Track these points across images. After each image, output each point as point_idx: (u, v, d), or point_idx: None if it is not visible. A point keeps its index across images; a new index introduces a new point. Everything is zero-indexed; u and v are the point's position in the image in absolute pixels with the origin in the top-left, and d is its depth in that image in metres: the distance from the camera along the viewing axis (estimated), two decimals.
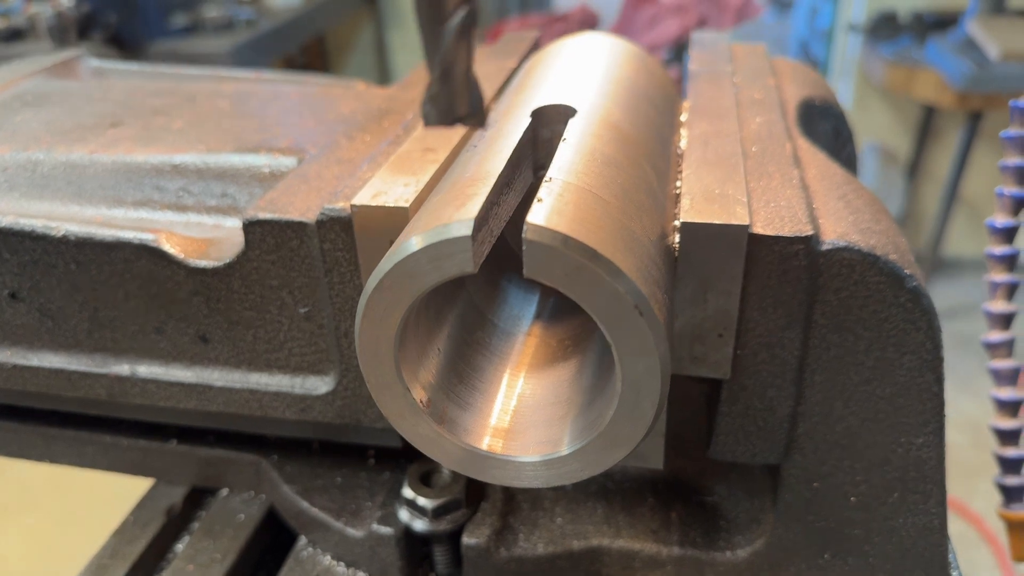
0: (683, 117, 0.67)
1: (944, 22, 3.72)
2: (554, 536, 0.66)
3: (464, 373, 0.51)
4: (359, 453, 0.75)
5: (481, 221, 0.41)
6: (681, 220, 0.48)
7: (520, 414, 0.48)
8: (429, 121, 0.35)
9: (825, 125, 0.77)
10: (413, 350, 0.47)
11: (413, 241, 0.41)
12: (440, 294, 0.51)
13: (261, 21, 3.37)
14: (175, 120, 0.77)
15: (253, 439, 0.77)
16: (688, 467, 0.72)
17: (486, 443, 0.46)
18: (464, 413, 0.48)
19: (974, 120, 3.37)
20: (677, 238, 0.49)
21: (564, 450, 0.43)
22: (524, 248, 0.39)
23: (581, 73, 0.62)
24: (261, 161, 0.69)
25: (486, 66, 0.80)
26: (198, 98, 0.84)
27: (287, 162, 0.68)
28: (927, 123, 3.76)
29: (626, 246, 0.41)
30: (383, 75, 4.66)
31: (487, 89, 0.73)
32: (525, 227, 0.39)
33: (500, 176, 0.45)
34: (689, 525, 0.67)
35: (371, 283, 0.42)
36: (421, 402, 0.46)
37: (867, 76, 3.76)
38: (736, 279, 0.50)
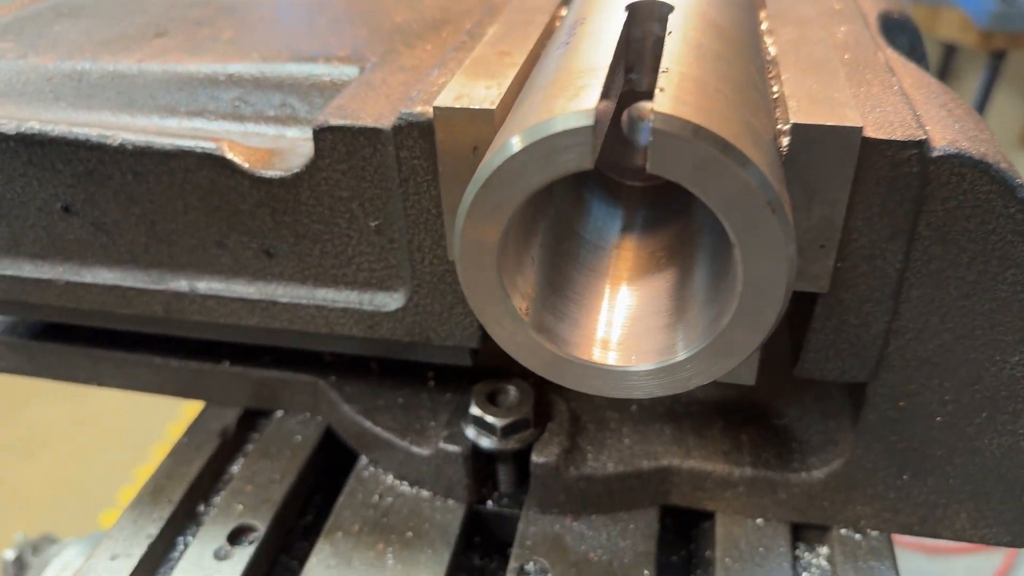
0: (764, 25, 0.64)
1: None
2: (623, 456, 0.66)
3: (558, 284, 0.49)
4: (419, 374, 0.74)
5: (600, 112, 0.38)
6: (792, 121, 0.45)
7: (625, 325, 0.46)
8: None
9: (902, 39, 0.73)
10: (511, 257, 0.45)
11: (525, 134, 0.38)
12: (533, 203, 0.49)
13: None
14: (223, 30, 0.74)
15: (309, 359, 0.76)
16: (758, 391, 0.70)
17: (595, 354, 0.44)
18: (562, 324, 0.47)
19: (997, 60, 3.30)
20: (785, 141, 0.46)
21: (679, 356, 0.42)
22: (650, 140, 0.37)
23: None
24: (320, 70, 0.66)
25: None
26: (241, 9, 0.80)
27: (347, 71, 0.65)
28: (947, 63, 3.69)
29: (753, 140, 0.38)
30: None
31: None
32: (652, 117, 0.36)
33: (610, 67, 0.42)
34: (761, 447, 0.66)
35: (477, 180, 0.40)
36: (520, 309, 0.44)
37: None
38: (844, 186, 0.47)
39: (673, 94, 0.38)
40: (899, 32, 0.73)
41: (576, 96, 0.39)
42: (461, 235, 0.42)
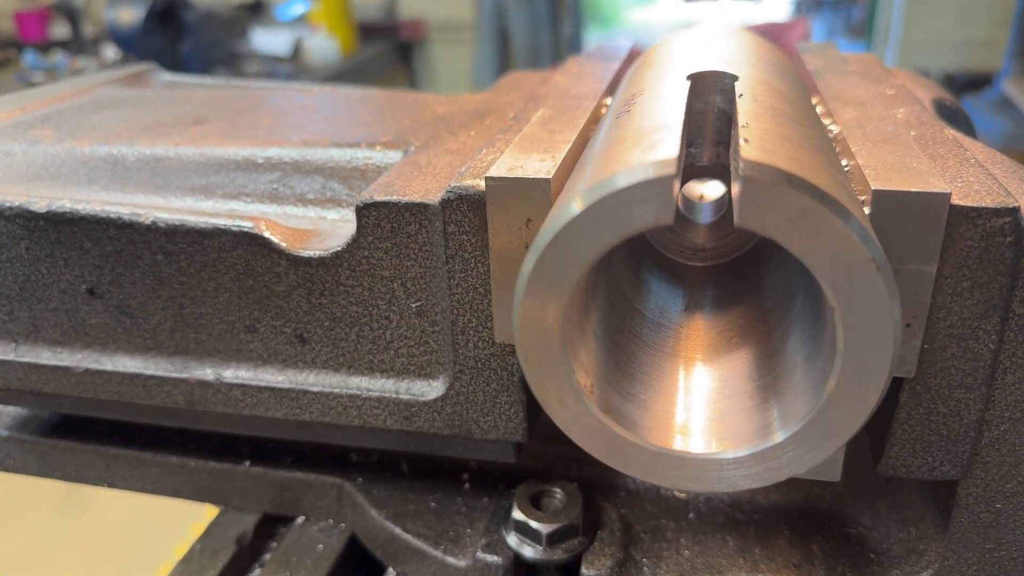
0: (819, 109, 0.62)
1: (976, 82, 3.72)
2: (683, 570, 0.59)
3: (622, 362, 0.45)
4: (453, 476, 0.68)
5: (680, 164, 0.35)
6: (873, 187, 0.42)
7: (704, 409, 0.42)
8: None
9: (956, 128, 0.72)
10: (575, 328, 0.41)
11: (597, 187, 0.35)
12: (593, 272, 0.45)
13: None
14: (263, 118, 0.73)
15: (334, 460, 0.71)
16: (825, 496, 0.64)
17: (676, 442, 0.39)
18: (630, 405, 0.42)
19: None
20: (866, 211, 0.43)
21: (777, 438, 0.37)
22: (740, 190, 0.33)
23: (717, 50, 0.57)
24: (362, 154, 0.64)
25: (587, 66, 0.76)
26: (282, 101, 0.80)
27: (391, 155, 0.64)
28: None
29: (848, 194, 0.35)
30: None
31: (593, 85, 0.68)
32: (740, 165, 0.33)
33: (684, 123, 0.40)
34: (835, 558, 0.59)
35: (545, 237, 0.37)
36: (585, 386, 0.40)
37: None
38: (932, 258, 0.44)
39: (759, 144, 0.35)
40: (951, 121, 0.72)
41: (652, 148, 0.36)
42: (523, 299, 0.38)
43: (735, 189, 0.34)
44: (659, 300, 0.51)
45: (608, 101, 0.66)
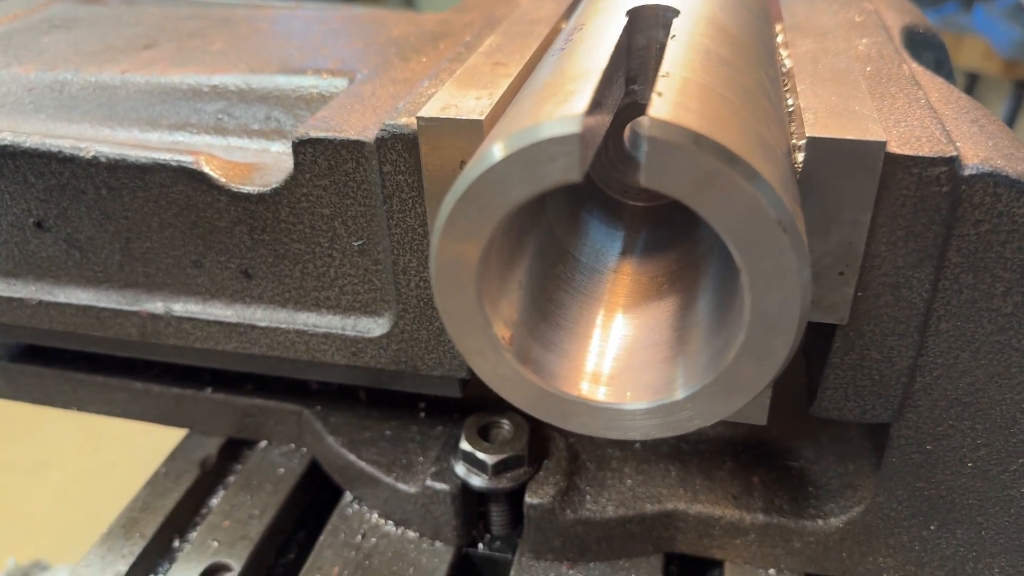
0: (779, 38, 0.60)
1: None
2: (625, 498, 0.61)
3: (548, 310, 0.45)
4: (409, 405, 0.70)
5: (590, 119, 0.34)
6: (808, 134, 0.41)
7: (619, 357, 0.42)
8: None
9: (928, 55, 0.69)
10: (494, 280, 0.41)
11: (508, 142, 0.34)
12: (520, 220, 0.45)
13: None
14: (213, 42, 0.71)
15: (295, 388, 0.72)
16: (770, 430, 0.65)
17: (584, 389, 0.40)
18: (550, 355, 0.42)
19: (1020, 89, 3.25)
20: (800, 157, 0.42)
21: (677, 395, 0.37)
22: (645, 149, 0.32)
23: None
24: (308, 82, 0.62)
25: None
26: (235, 21, 0.77)
27: (337, 83, 0.62)
28: (970, 92, 3.63)
29: (762, 151, 0.34)
30: None
31: (552, 7, 0.66)
32: (647, 123, 0.32)
33: (604, 72, 0.38)
34: (773, 491, 0.61)
35: (455, 193, 0.36)
36: (503, 338, 0.40)
37: None
38: (866, 206, 0.43)
39: (673, 99, 0.34)
40: (924, 48, 0.69)
41: (565, 101, 0.35)
42: (437, 253, 0.38)
43: (644, 147, 0.33)
44: (597, 243, 0.51)
45: (564, 25, 0.63)
